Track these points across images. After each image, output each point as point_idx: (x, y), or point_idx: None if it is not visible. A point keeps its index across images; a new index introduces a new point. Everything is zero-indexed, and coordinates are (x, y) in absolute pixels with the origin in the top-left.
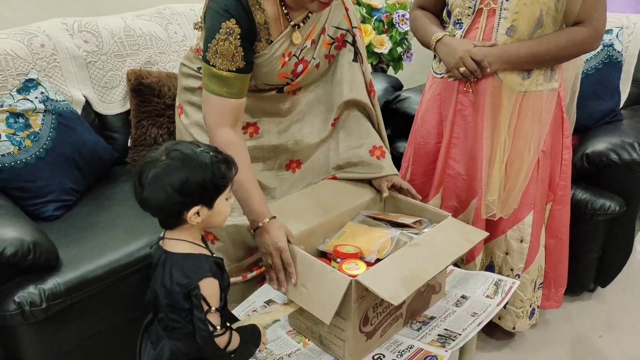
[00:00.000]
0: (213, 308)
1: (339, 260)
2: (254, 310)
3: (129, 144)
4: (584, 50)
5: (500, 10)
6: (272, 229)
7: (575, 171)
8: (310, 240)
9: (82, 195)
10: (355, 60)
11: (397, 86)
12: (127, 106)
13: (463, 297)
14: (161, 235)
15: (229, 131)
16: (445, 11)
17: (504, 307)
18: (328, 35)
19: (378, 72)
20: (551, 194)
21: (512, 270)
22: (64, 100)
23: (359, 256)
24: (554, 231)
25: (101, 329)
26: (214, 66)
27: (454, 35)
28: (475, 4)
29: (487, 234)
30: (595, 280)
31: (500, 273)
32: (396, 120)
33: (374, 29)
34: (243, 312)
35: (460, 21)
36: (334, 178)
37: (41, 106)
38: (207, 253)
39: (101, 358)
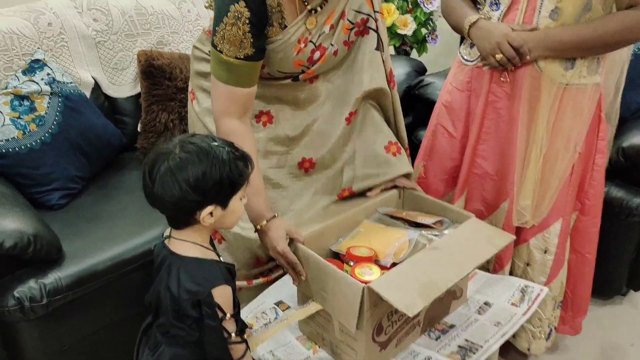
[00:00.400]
0: (228, 315)
1: (352, 263)
2: (263, 312)
3: (138, 129)
4: (638, 37)
5: None
6: (271, 230)
7: (609, 166)
8: (322, 239)
9: (88, 183)
10: (377, 48)
11: (420, 70)
12: (139, 89)
13: (486, 303)
14: (166, 233)
15: (234, 122)
16: None
17: None
18: (348, 19)
19: (401, 54)
20: (578, 202)
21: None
22: (71, 82)
23: (374, 259)
24: (577, 245)
25: (104, 324)
26: (222, 52)
27: (490, 18)
28: None
29: (514, 237)
30: (627, 283)
31: None
32: (418, 107)
33: (398, 9)
34: (251, 314)
35: (497, 1)
36: (351, 193)
37: (47, 88)
38: (217, 258)
39: (104, 354)
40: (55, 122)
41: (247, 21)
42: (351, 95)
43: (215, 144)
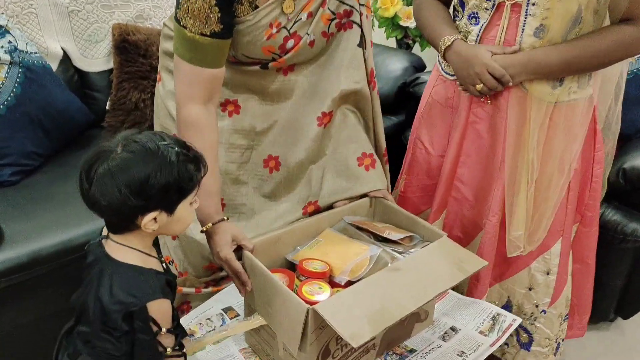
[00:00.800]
0: (164, 330)
1: (303, 278)
2: (208, 319)
3: (107, 107)
4: (633, 53)
5: (527, 6)
6: (216, 235)
7: (608, 187)
8: (278, 246)
9: (46, 160)
10: (360, 45)
11: (418, 66)
12: (112, 64)
13: (452, 329)
14: (104, 232)
15: (198, 108)
16: None
17: (527, 348)
18: (329, 9)
19: (402, 47)
20: (578, 215)
21: (537, 306)
22: (36, 52)
23: (328, 275)
24: (579, 255)
25: (45, 314)
26: (185, 27)
27: (468, 34)
28: None
29: (486, 263)
30: (616, 310)
31: (520, 310)
32: (412, 106)
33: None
34: (196, 319)
35: (476, 15)
36: (317, 208)
37: (7, 57)
38: (158, 267)
39: (38, 347)
40: (12, 94)
41: None
42: (327, 93)
43: (164, 142)
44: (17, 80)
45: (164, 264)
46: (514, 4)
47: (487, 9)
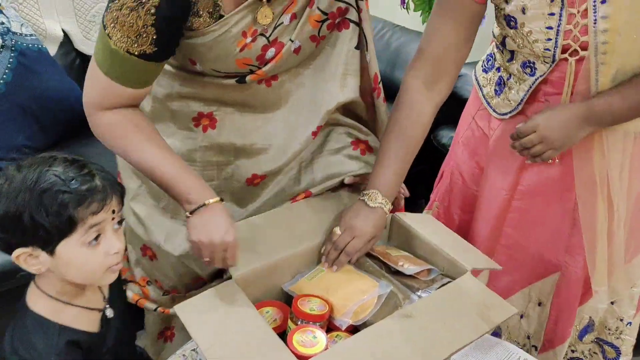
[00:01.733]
0: None
1: (298, 321)
2: (193, 350)
3: None
4: None
5: (596, 56)
6: (218, 214)
7: None
8: (274, 275)
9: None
10: (358, 47)
11: None
12: None
13: None
14: None
15: (120, 110)
16: (497, 35)
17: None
18: (318, 8)
19: None
20: None
21: (621, 320)
22: (32, 35)
23: (326, 317)
24: None
25: None
26: (110, 37)
27: (522, 82)
28: (555, 53)
29: (515, 310)
30: None
31: (604, 326)
32: (447, 102)
33: None
34: (180, 351)
35: (532, 65)
36: (308, 195)
37: None
38: (76, 320)
39: None
40: (1, 81)
41: (153, 10)
42: (321, 105)
43: (52, 171)
44: (8, 65)
45: (106, 311)
46: (577, 59)
47: (547, 62)
